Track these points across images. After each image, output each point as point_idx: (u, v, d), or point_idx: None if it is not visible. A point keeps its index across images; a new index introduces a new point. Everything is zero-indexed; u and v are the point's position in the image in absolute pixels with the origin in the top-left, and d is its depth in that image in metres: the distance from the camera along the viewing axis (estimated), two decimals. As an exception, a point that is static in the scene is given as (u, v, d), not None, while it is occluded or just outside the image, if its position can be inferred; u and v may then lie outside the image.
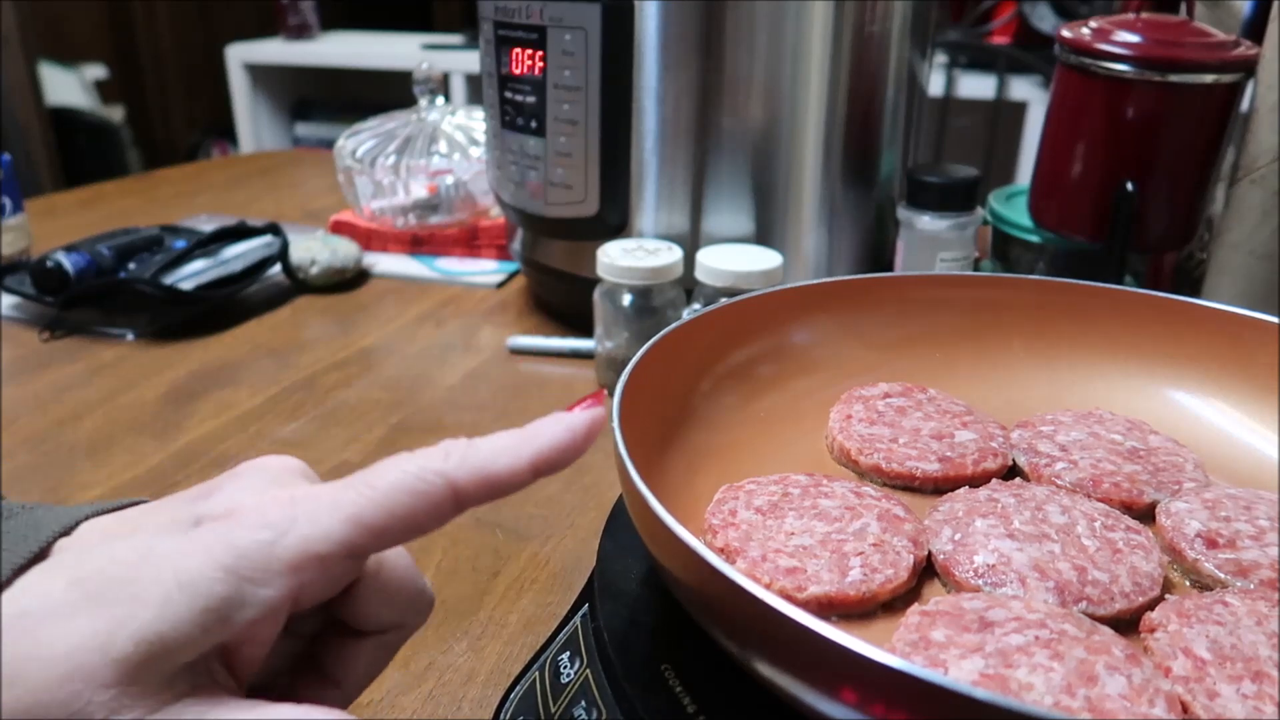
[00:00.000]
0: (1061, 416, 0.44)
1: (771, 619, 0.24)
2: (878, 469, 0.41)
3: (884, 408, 0.44)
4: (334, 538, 0.23)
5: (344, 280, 0.88)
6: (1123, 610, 0.32)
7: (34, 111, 2.32)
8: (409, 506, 0.24)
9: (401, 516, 0.24)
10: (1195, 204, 0.67)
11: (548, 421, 0.26)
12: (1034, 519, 0.36)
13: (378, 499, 0.24)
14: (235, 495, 0.25)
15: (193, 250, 0.82)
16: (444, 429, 0.62)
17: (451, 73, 2.08)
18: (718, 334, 0.44)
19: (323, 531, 0.23)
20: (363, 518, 0.24)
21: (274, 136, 2.45)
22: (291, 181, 1.33)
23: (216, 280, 0.80)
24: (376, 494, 0.24)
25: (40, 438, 0.61)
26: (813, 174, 0.68)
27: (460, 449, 0.25)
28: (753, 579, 0.33)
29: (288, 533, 0.23)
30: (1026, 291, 0.49)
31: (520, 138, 0.70)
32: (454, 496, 0.24)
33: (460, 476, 0.24)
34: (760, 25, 0.64)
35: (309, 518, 0.23)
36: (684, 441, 0.41)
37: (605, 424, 0.26)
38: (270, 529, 0.23)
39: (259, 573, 0.23)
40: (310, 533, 0.23)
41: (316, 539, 0.23)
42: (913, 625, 0.30)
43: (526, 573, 0.48)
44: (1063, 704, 0.27)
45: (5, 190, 0.87)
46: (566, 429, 0.26)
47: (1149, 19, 0.64)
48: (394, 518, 0.24)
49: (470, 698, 0.40)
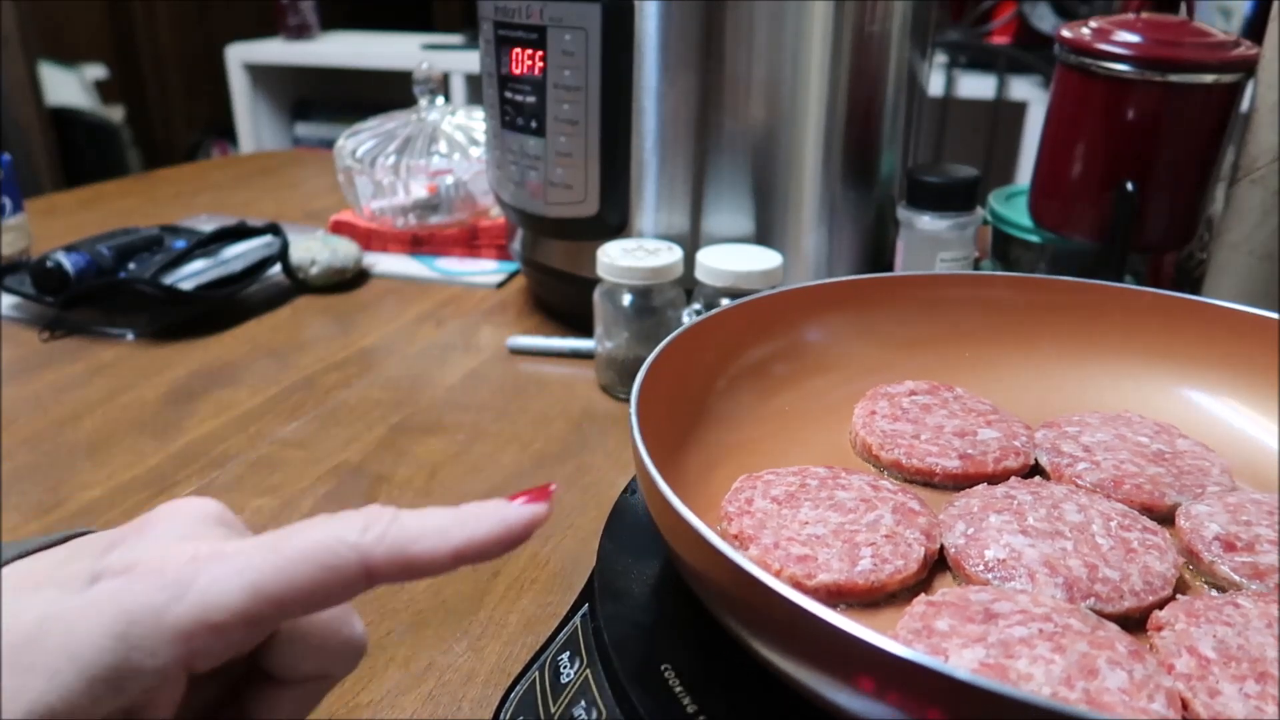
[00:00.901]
0: (1089, 418, 0.44)
1: (772, 601, 0.24)
2: (898, 464, 0.41)
3: (908, 405, 0.44)
4: (231, 607, 0.22)
5: (344, 280, 0.88)
6: (1132, 608, 0.32)
7: (34, 111, 2.32)
8: (315, 579, 0.22)
9: (306, 589, 0.22)
10: (1195, 204, 0.67)
11: (486, 509, 0.24)
12: (1049, 516, 0.36)
13: (283, 567, 0.22)
14: (139, 548, 0.23)
15: (193, 250, 0.82)
16: (444, 429, 0.62)
17: (451, 73, 2.08)
18: (731, 333, 0.44)
19: (220, 599, 0.22)
20: (264, 587, 0.22)
21: (274, 136, 2.45)
22: (291, 181, 1.33)
23: (216, 280, 0.80)
24: (282, 561, 0.22)
25: (40, 438, 0.61)
26: (813, 174, 0.68)
27: (383, 523, 0.23)
28: (764, 565, 0.33)
29: (182, 597, 0.22)
30: (1043, 292, 0.49)
31: (520, 138, 0.70)
32: (365, 574, 0.23)
33: (375, 554, 0.23)
34: (760, 25, 0.64)
35: (209, 581, 0.22)
36: (701, 439, 0.41)
37: (546, 520, 0.25)
38: (165, 590, 0.22)
39: (148, 640, 0.21)
40: (207, 599, 0.22)
41: (212, 607, 0.22)
42: (917, 614, 0.30)
43: (526, 573, 0.48)
44: (1060, 695, 0.27)
45: (5, 190, 0.87)
46: (501, 522, 0.24)
47: (1149, 19, 0.64)
48: (298, 590, 0.22)
49: (470, 698, 0.40)
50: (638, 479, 0.34)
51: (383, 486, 0.56)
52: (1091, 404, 0.46)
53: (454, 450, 0.59)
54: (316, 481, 0.56)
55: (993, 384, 0.47)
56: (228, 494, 0.55)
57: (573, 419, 0.63)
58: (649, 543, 0.37)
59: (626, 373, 0.66)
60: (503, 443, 0.60)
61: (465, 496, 0.55)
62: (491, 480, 0.56)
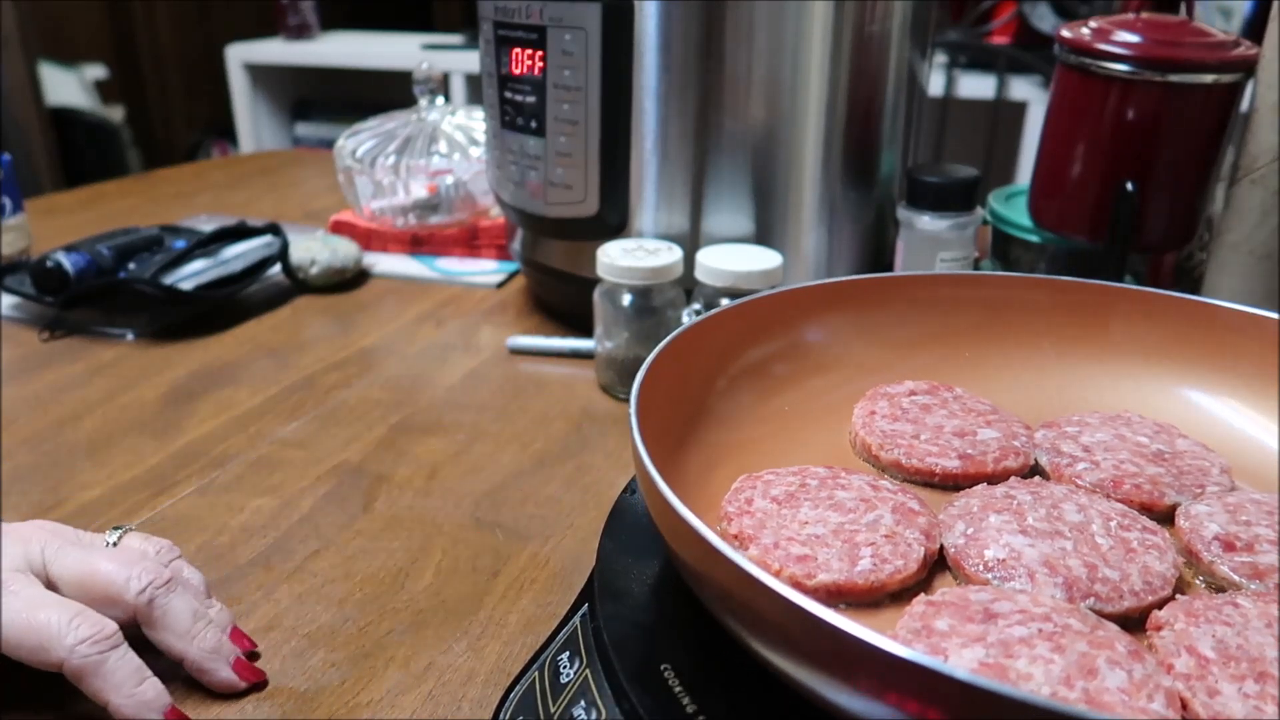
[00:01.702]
0: (1089, 418, 0.44)
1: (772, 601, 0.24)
2: (897, 464, 0.41)
3: (908, 405, 0.44)
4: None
5: (344, 280, 0.88)
6: (1131, 608, 0.32)
7: (34, 111, 2.32)
8: None
9: None
10: (1195, 204, 0.67)
11: None
12: (1049, 516, 0.36)
13: None
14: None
15: (192, 250, 0.82)
16: (444, 429, 0.62)
17: (451, 73, 2.08)
18: (731, 333, 0.44)
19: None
20: None
21: (274, 136, 2.45)
22: (291, 181, 1.33)
23: (216, 280, 0.80)
24: None
25: (40, 438, 0.61)
26: (813, 174, 0.68)
27: None
28: (763, 565, 0.33)
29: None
30: (1044, 292, 0.49)
31: (520, 138, 0.70)
32: None
33: None
34: (760, 25, 0.64)
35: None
36: (701, 439, 0.41)
37: None
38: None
39: None
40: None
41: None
42: (917, 614, 0.30)
43: (526, 573, 0.48)
44: (1060, 695, 0.27)
45: (5, 190, 0.87)
46: None
47: (1149, 19, 0.64)
48: None
49: (470, 698, 0.40)
50: (638, 479, 0.34)
51: (382, 486, 0.55)
52: (1091, 404, 0.46)
53: (454, 450, 0.59)
54: (316, 481, 0.56)
55: (993, 384, 0.47)
56: (228, 494, 0.55)
57: (573, 419, 0.63)
58: (649, 543, 0.37)
59: (626, 373, 0.66)
60: (503, 443, 0.60)
61: (465, 496, 0.55)
62: (491, 480, 0.56)
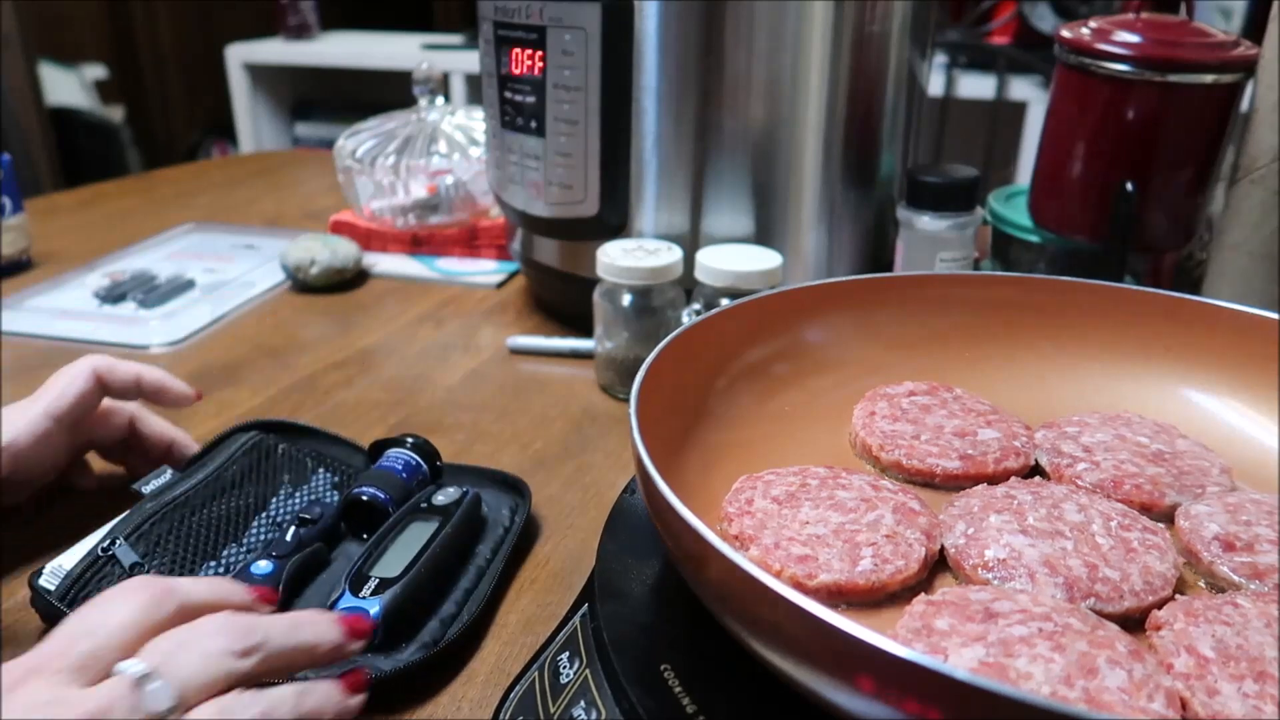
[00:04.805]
0: (1089, 418, 0.44)
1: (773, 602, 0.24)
2: (898, 465, 0.41)
3: (908, 405, 0.44)
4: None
5: (344, 280, 0.88)
6: (1132, 608, 0.32)
7: (34, 111, 2.32)
8: None
9: None
10: (1195, 204, 0.67)
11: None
12: (1049, 516, 0.36)
13: None
14: None
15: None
16: (444, 429, 0.62)
17: (451, 73, 2.08)
18: (731, 333, 0.44)
19: None
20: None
21: (274, 136, 2.45)
22: (291, 181, 1.33)
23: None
24: None
25: (40, 438, 0.61)
26: (813, 174, 0.68)
27: None
28: (764, 566, 0.33)
29: None
30: (1044, 292, 0.49)
31: (520, 138, 0.70)
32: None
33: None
34: (760, 25, 0.64)
35: None
36: (701, 438, 0.41)
37: None
38: None
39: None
40: None
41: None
42: (917, 614, 0.30)
43: (526, 573, 0.48)
44: (1060, 694, 0.27)
45: (5, 190, 0.87)
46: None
47: (1149, 19, 0.64)
48: None
49: (470, 698, 0.40)
50: (638, 479, 0.34)
51: (383, 486, 0.55)
52: (1091, 404, 0.46)
53: (454, 450, 0.59)
54: (316, 481, 0.56)
55: (993, 384, 0.47)
56: (228, 494, 0.55)
57: (573, 419, 0.63)
58: (649, 543, 0.37)
59: (626, 373, 0.66)
60: (503, 443, 0.60)
61: (465, 496, 0.55)
62: (491, 480, 0.56)
